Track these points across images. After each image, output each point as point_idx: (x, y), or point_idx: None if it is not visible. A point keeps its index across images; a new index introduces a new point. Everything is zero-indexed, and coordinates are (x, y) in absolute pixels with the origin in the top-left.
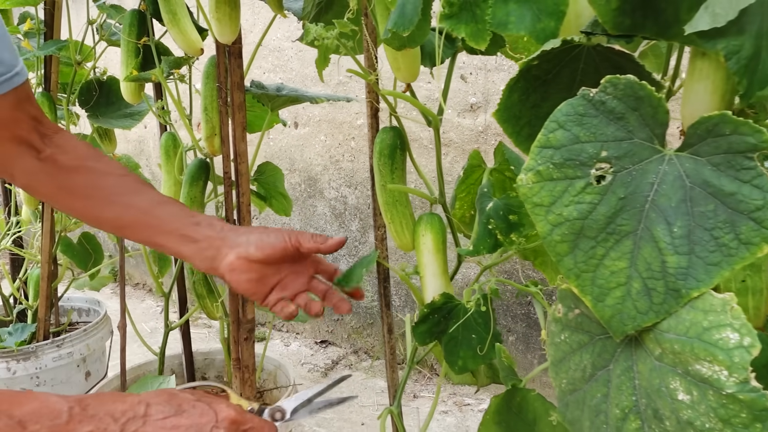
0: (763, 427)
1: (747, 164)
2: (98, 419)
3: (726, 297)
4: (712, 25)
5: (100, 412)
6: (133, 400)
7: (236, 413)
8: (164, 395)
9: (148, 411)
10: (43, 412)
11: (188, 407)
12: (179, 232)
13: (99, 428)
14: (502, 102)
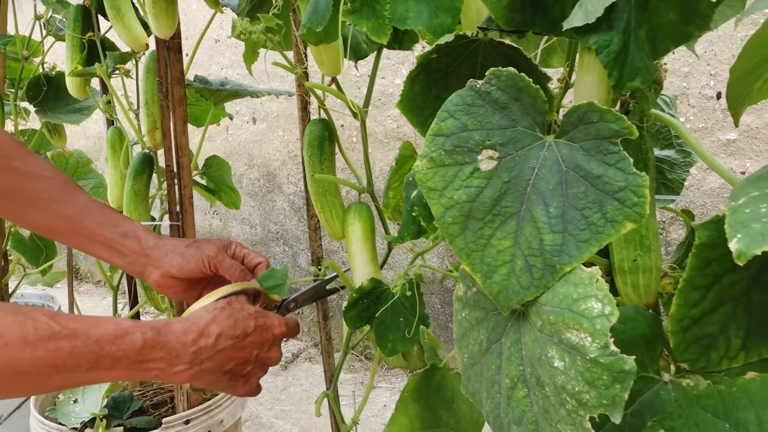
0: (622, 388)
1: (612, 149)
2: (170, 347)
3: (593, 270)
4: (584, 21)
5: (172, 339)
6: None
7: (285, 326)
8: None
9: (218, 341)
10: (118, 335)
11: (251, 329)
12: (107, 244)
13: (171, 355)
14: (404, 93)
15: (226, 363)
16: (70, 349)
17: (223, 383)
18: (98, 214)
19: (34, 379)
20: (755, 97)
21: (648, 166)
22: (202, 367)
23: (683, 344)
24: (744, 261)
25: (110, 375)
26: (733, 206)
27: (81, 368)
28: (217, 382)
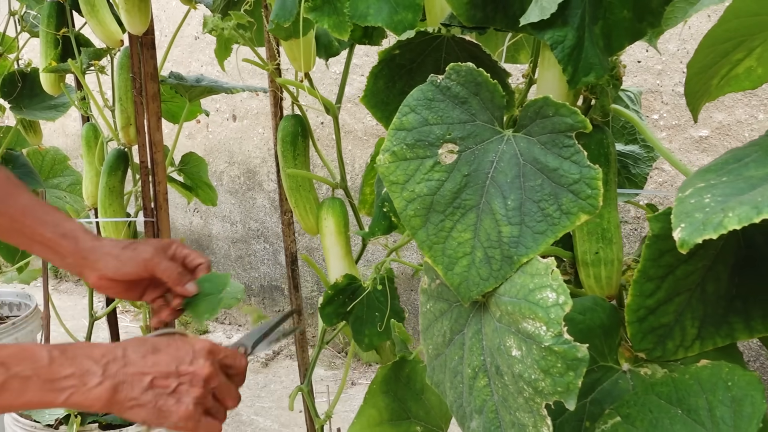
0: (575, 375)
1: (567, 142)
2: (79, 362)
3: (548, 261)
4: (540, 17)
5: (80, 355)
6: (108, 346)
7: (209, 344)
8: (137, 339)
9: (126, 353)
10: (25, 355)
11: (163, 346)
12: (47, 244)
13: (81, 370)
14: (368, 88)
15: (143, 375)
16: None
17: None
18: (40, 213)
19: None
20: (713, 93)
21: (609, 161)
22: (117, 381)
23: (640, 334)
24: (686, 249)
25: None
26: (680, 197)
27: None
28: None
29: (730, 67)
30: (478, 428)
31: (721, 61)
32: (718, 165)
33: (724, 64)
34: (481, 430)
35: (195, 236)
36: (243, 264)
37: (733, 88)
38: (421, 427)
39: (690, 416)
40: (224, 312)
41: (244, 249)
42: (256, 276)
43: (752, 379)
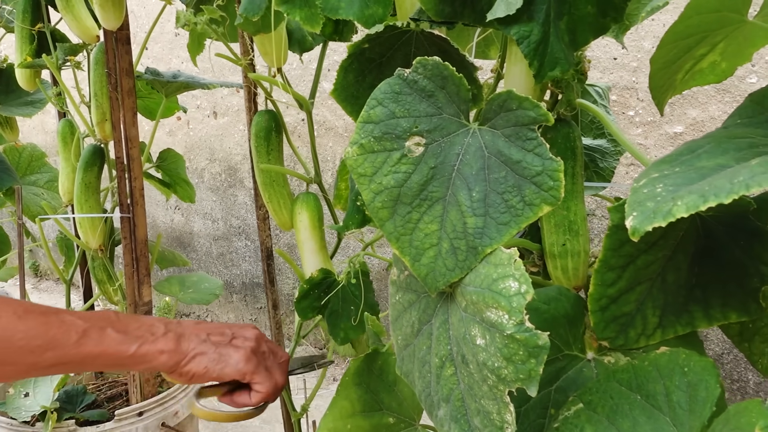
0: (537, 362)
1: (530, 135)
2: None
3: (512, 251)
4: (506, 12)
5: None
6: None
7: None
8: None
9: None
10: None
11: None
12: None
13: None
14: (338, 82)
15: (200, 331)
16: (58, 322)
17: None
18: None
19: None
20: (678, 88)
21: (576, 154)
22: (179, 332)
23: (602, 323)
24: (637, 237)
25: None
26: (634, 187)
27: (70, 341)
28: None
29: (694, 62)
30: (445, 417)
31: (684, 56)
32: (672, 156)
33: (687, 59)
34: (448, 418)
35: (176, 234)
36: (225, 261)
37: (698, 82)
38: (394, 419)
39: (648, 401)
40: (206, 309)
41: (225, 246)
42: (237, 273)
43: (707, 364)
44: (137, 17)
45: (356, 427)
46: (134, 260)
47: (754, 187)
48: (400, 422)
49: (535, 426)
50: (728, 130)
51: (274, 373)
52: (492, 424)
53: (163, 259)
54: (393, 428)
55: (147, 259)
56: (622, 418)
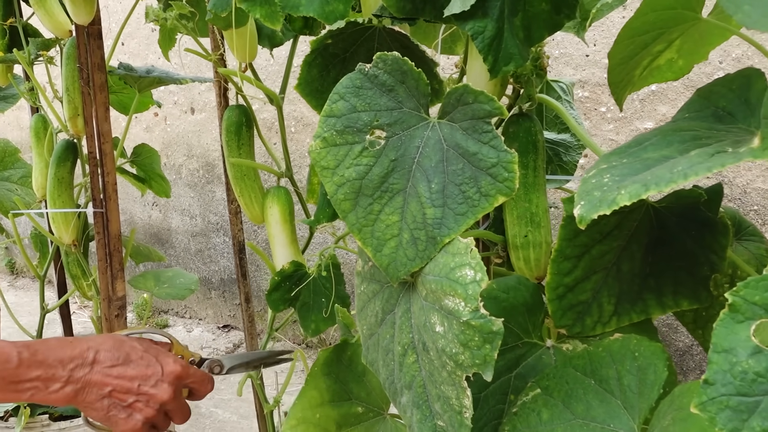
0: (491, 348)
1: (486, 128)
2: (47, 365)
3: (468, 241)
4: (462, 8)
5: (50, 357)
6: (82, 347)
7: (181, 368)
8: (113, 342)
9: (97, 357)
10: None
11: (136, 357)
12: None
13: (47, 373)
14: (302, 77)
15: (104, 385)
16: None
17: (102, 412)
18: None
19: None
20: (637, 84)
21: (537, 148)
22: (78, 387)
23: (560, 311)
24: (584, 225)
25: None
26: (584, 178)
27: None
28: (96, 407)
29: (651, 58)
30: (407, 403)
31: (641, 52)
32: (622, 148)
33: (644, 55)
34: (410, 404)
35: (154, 230)
36: (203, 257)
37: (656, 79)
38: (363, 408)
39: (601, 386)
40: (184, 306)
41: (203, 242)
42: (216, 269)
43: (656, 349)
44: (113, 12)
45: (325, 416)
46: (107, 255)
47: (692, 177)
48: (368, 411)
49: (495, 411)
50: (676, 123)
51: (162, 427)
52: (451, 409)
53: (138, 253)
54: (362, 417)
55: (120, 253)
56: (576, 402)
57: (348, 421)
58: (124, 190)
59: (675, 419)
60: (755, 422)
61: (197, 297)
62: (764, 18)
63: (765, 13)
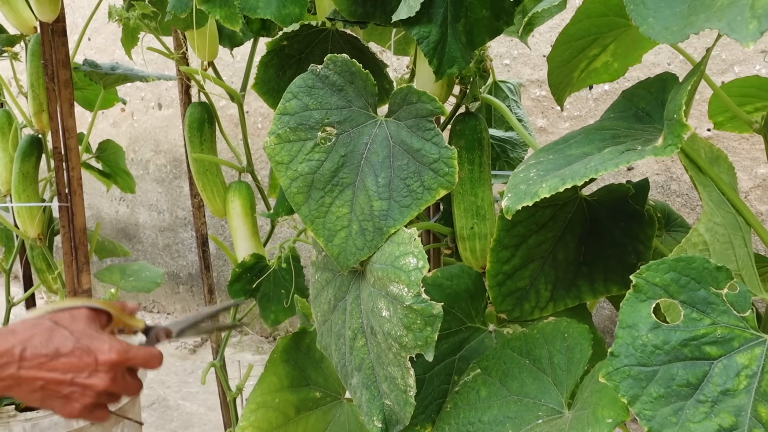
0: (432, 330)
1: (428, 126)
2: (26, 381)
3: (412, 231)
4: (408, 14)
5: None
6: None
7: (117, 354)
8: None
9: (24, 354)
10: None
11: (66, 350)
12: None
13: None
14: (258, 77)
15: (34, 380)
16: None
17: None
18: None
19: None
20: (576, 85)
21: (482, 144)
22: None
23: (500, 297)
24: (510, 215)
25: None
26: (514, 172)
27: None
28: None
29: (588, 61)
30: (357, 384)
31: (578, 56)
32: (550, 145)
33: (582, 58)
34: (360, 385)
35: (121, 225)
36: (171, 252)
37: (594, 80)
38: (320, 393)
39: (535, 365)
40: (152, 300)
41: (171, 237)
42: (184, 264)
43: (583, 330)
44: (80, 7)
45: (284, 400)
46: (73, 249)
47: (601, 172)
48: (326, 396)
49: (440, 391)
50: (601, 122)
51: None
52: (397, 388)
53: (102, 249)
54: (319, 402)
55: (86, 247)
56: (512, 380)
57: (306, 406)
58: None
59: (592, 391)
60: (653, 389)
61: (165, 291)
62: (665, 30)
63: (666, 26)
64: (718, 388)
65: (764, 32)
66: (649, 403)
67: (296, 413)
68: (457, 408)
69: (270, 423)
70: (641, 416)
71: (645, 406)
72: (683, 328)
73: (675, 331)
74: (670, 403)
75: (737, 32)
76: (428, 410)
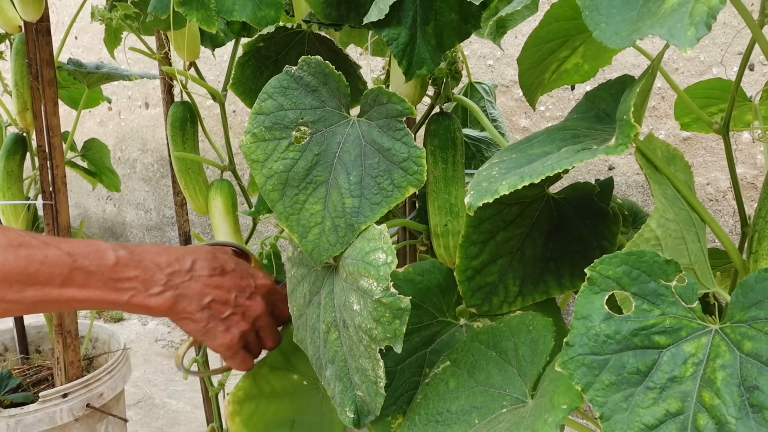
0: (400, 323)
1: (398, 126)
2: (144, 266)
3: (381, 227)
4: (378, 17)
5: (146, 259)
6: (179, 253)
7: (270, 281)
8: (208, 252)
9: (194, 266)
10: (91, 250)
11: (230, 269)
12: None
13: (145, 275)
14: (236, 77)
15: (204, 294)
16: (42, 258)
17: (202, 323)
18: None
19: (6, 290)
20: (548, 86)
21: (456, 144)
22: (178, 293)
23: (469, 291)
24: (472, 212)
25: (84, 294)
26: (479, 170)
27: (54, 281)
28: (196, 319)
29: (558, 63)
30: (331, 376)
31: (549, 57)
32: (514, 145)
33: (552, 60)
34: (333, 377)
35: (108, 224)
36: None
37: (566, 81)
38: (298, 376)
39: (501, 357)
40: None
41: (158, 236)
42: None
43: (546, 323)
44: (67, 6)
45: (268, 383)
46: None
47: (557, 170)
48: (304, 380)
49: (411, 383)
50: (564, 123)
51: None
52: (368, 380)
53: None
54: (299, 386)
55: None
56: (479, 372)
57: (286, 389)
58: (78, 183)
59: (551, 379)
60: (605, 376)
61: None
62: (615, 36)
63: (616, 32)
64: (666, 375)
65: (701, 38)
66: (602, 390)
67: (278, 396)
68: (426, 399)
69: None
70: (594, 402)
71: (597, 393)
72: (634, 319)
73: (626, 322)
74: (621, 390)
75: (677, 38)
76: (399, 401)
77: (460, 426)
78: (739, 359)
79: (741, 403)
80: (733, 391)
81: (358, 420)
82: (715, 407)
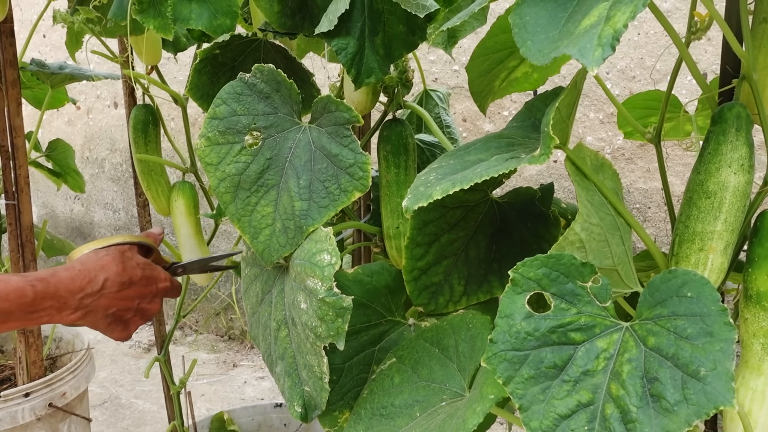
0: (342, 321)
1: (346, 133)
2: (58, 296)
3: (328, 230)
4: (328, 27)
5: (61, 289)
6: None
7: (169, 282)
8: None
9: (105, 284)
10: (9, 290)
11: (137, 279)
12: None
13: (59, 303)
14: (192, 83)
15: (110, 307)
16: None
17: (104, 325)
18: None
19: None
20: (498, 93)
21: (408, 149)
22: (87, 310)
23: (416, 291)
24: (409, 215)
25: (4, 327)
26: (418, 175)
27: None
28: (99, 323)
29: (507, 72)
30: (281, 372)
31: (498, 66)
32: (453, 151)
33: (501, 69)
34: (283, 373)
35: (76, 224)
36: None
37: (516, 89)
38: None
39: (443, 353)
40: None
41: None
42: None
43: (485, 321)
44: (35, 4)
45: None
46: (20, 246)
47: (485, 177)
48: None
49: (358, 379)
50: (502, 131)
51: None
52: (314, 375)
53: (50, 247)
54: None
55: (33, 244)
56: (422, 368)
57: None
58: (45, 183)
59: (482, 373)
60: (524, 370)
61: None
62: (538, 53)
63: (540, 49)
64: (580, 369)
65: (606, 58)
66: (521, 383)
67: None
68: (372, 394)
69: None
70: (514, 395)
71: (517, 386)
72: (552, 317)
73: (545, 320)
74: (539, 383)
75: (585, 58)
76: (347, 397)
77: (403, 419)
78: (643, 353)
79: (643, 393)
80: (637, 382)
81: (306, 414)
82: (621, 397)
